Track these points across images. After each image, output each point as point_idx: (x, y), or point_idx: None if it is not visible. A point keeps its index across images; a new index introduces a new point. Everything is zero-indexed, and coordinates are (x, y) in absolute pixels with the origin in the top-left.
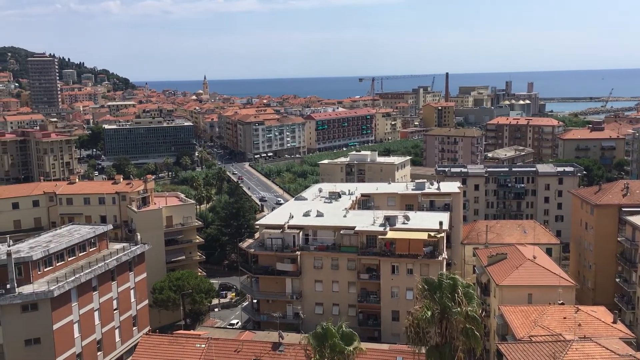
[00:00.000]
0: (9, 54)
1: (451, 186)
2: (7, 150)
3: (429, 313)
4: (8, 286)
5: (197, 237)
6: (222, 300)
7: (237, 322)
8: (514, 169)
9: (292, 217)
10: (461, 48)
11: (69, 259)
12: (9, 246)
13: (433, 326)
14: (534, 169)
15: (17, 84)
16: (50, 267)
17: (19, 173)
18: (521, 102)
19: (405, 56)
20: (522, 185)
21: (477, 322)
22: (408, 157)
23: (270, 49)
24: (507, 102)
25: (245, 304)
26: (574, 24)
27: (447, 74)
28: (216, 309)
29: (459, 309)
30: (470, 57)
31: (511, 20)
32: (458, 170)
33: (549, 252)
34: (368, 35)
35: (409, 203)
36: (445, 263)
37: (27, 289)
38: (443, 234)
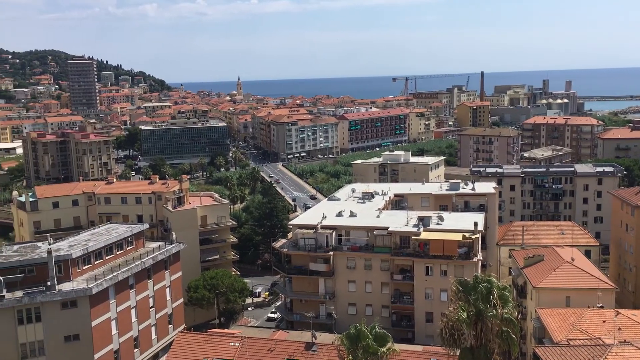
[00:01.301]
0: (50, 57)
1: (486, 187)
2: (48, 150)
3: (464, 315)
4: (49, 283)
5: (231, 236)
6: (256, 300)
7: (277, 315)
8: (551, 169)
9: (325, 217)
10: (497, 47)
11: (107, 257)
12: (49, 244)
13: (468, 328)
14: (572, 169)
15: (57, 86)
16: (89, 265)
17: (59, 173)
18: (559, 101)
19: (439, 55)
20: (560, 185)
21: (513, 325)
22: (442, 157)
23: (303, 49)
24: (544, 101)
25: (278, 303)
26: (613, 20)
27: (482, 72)
28: (250, 308)
29: (494, 311)
30: (506, 55)
31: (548, 18)
32: (493, 170)
33: (587, 254)
34: (401, 35)
35: (443, 203)
36: (480, 264)
37: (66, 287)
38: (478, 235)
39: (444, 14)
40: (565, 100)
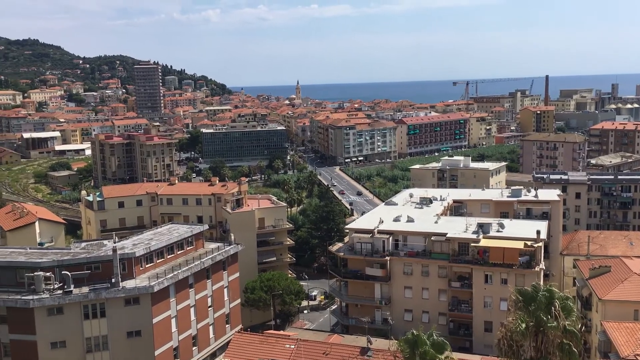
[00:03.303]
0: (118, 61)
1: (550, 194)
2: (115, 152)
3: (523, 325)
4: (113, 280)
5: (288, 239)
6: (311, 303)
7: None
8: (620, 177)
9: (382, 222)
10: (563, 49)
11: (168, 257)
12: (114, 243)
13: (527, 339)
14: None
15: (124, 90)
16: (151, 264)
17: (125, 174)
18: (629, 105)
19: (502, 59)
20: (629, 194)
21: (575, 338)
22: (503, 163)
23: (362, 53)
24: (613, 106)
25: (334, 307)
26: None
27: (547, 76)
28: (305, 311)
29: (555, 323)
30: (573, 58)
31: (618, 19)
32: (558, 177)
33: None
34: (462, 38)
35: (504, 210)
36: (542, 274)
37: (130, 284)
38: (540, 244)
39: (508, 15)
40: (636, 105)
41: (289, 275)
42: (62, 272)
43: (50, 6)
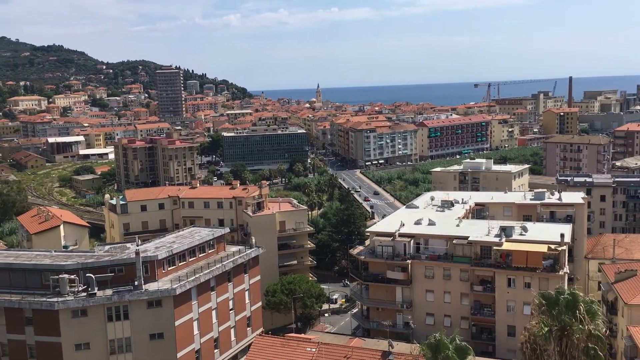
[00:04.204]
0: (140, 67)
1: (574, 196)
2: (137, 156)
3: (546, 329)
4: (136, 283)
5: (309, 242)
6: (332, 306)
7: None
8: None
9: (403, 225)
10: (586, 50)
11: (190, 260)
12: (137, 246)
13: (551, 344)
14: None
15: (146, 95)
16: (173, 267)
17: (147, 177)
18: None
19: (524, 61)
20: None
21: (601, 342)
22: (526, 166)
23: (383, 56)
24: (638, 107)
25: (355, 310)
26: None
27: (570, 78)
28: (326, 314)
29: (580, 327)
30: (597, 59)
31: None
32: (582, 179)
33: None
34: (483, 40)
35: (526, 213)
36: (567, 278)
37: (152, 287)
38: (564, 247)
39: (529, 17)
40: None
41: (310, 279)
42: (86, 274)
43: (74, 12)
